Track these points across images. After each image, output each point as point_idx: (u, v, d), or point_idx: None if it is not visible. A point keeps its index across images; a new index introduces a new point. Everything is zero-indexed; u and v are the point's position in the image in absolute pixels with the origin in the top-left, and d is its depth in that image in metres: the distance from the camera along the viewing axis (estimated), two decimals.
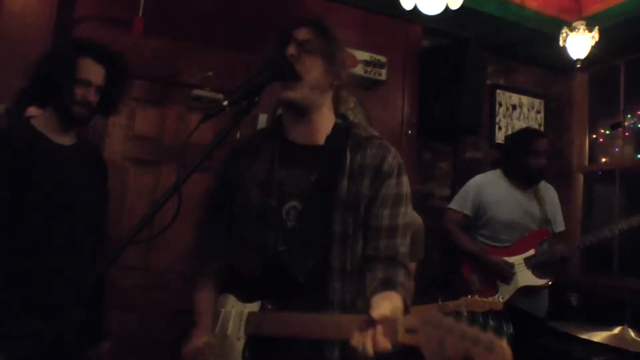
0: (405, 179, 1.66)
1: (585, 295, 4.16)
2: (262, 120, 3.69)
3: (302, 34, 1.65)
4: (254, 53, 3.58)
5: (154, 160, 3.55)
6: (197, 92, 3.52)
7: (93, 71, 2.22)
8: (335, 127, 1.69)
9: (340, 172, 1.61)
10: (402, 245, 1.62)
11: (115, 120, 3.41)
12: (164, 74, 3.54)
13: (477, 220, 3.52)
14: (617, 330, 2.79)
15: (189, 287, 1.76)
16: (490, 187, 3.54)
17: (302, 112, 1.65)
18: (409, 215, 1.66)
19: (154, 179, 3.54)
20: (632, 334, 2.73)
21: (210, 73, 3.60)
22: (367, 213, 1.62)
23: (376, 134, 1.71)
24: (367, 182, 1.62)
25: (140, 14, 3.35)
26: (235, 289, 1.66)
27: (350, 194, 1.60)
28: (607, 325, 2.83)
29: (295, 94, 1.60)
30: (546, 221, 3.52)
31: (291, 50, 1.61)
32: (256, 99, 1.51)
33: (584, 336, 2.79)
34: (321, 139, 1.67)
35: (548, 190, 3.65)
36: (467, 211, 3.54)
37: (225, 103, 1.43)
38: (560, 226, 3.61)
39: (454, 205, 3.63)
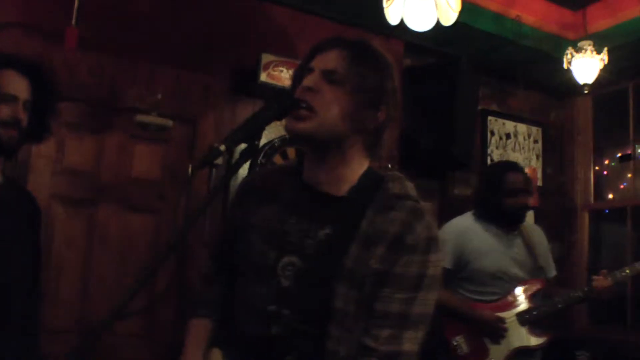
0: (436, 258, 1.48)
1: (596, 354, 4.01)
2: (222, 149, 3.51)
3: (330, 59, 1.51)
4: (213, 71, 3.61)
5: (88, 198, 3.35)
6: (142, 117, 3.34)
7: (17, 85, 2.08)
8: (364, 177, 1.55)
9: (353, 234, 1.46)
10: (410, 342, 1.44)
11: (40, 151, 3.21)
12: (102, 95, 3.39)
13: (457, 272, 3.35)
14: None
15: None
16: (470, 233, 3.37)
17: (318, 150, 1.53)
18: (431, 304, 1.48)
19: (87, 222, 3.34)
20: None
21: (159, 95, 3.43)
22: (377, 292, 1.44)
23: (413, 193, 1.54)
24: (380, 253, 1.44)
25: (74, 22, 3.15)
26: (224, 345, 1.61)
27: (358, 264, 1.44)
28: None
29: (304, 127, 1.47)
30: (538, 268, 3.39)
31: (308, 82, 1.48)
32: (256, 143, 1.44)
33: None
34: (344, 189, 1.53)
35: (534, 232, 3.53)
36: (448, 265, 3.32)
37: (222, 147, 1.35)
38: (552, 271, 3.48)
39: None
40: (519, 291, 3.31)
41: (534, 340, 3.24)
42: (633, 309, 4.27)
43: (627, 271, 3.20)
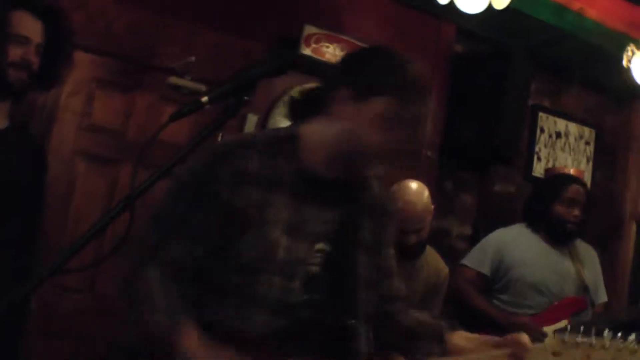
0: None
1: None
2: (252, 122, 3.50)
3: None
4: (254, 38, 3.58)
5: (113, 158, 3.36)
6: (175, 79, 3.30)
7: (30, 26, 2.11)
8: None
9: (363, 210, 1.67)
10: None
11: (68, 104, 3.23)
12: (137, 53, 3.38)
13: (495, 282, 3.35)
14: None
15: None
16: (515, 243, 3.36)
17: None
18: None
19: (109, 181, 3.36)
20: None
21: (192, 58, 3.40)
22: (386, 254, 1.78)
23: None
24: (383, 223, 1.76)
25: None
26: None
27: (373, 235, 1.69)
28: None
29: None
30: (584, 287, 3.35)
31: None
32: (246, 98, 1.44)
33: None
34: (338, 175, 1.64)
35: (588, 252, 3.51)
36: (485, 270, 3.34)
37: (205, 99, 1.37)
38: (602, 297, 3.45)
39: (468, 261, 3.42)
40: (558, 308, 3.27)
41: None
42: None
43: None
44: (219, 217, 1.53)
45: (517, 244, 3.34)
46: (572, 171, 4.25)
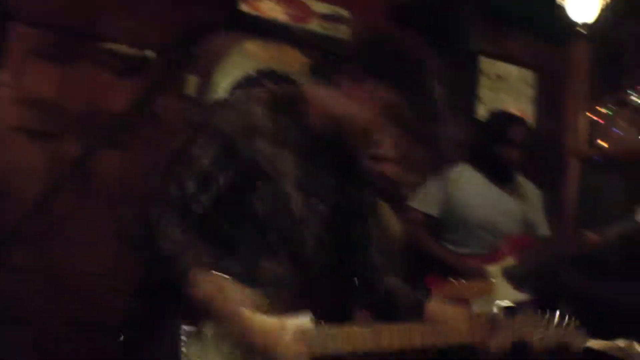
0: None
1: (580, 308, 4.03)
2: (192, 83, 3.43)
3: None
4: (193, 2, 3.49)
5: (52, 131, 3.28)
6: (112, 46, 3.27)
7: None
8: None
9: (359, 178, 1.73)
10: None
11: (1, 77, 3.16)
12: (69, 20, 3.29)
13: (442, 222, 3.42)
14: (622, 343, 2.66)
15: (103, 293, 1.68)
16: (460, 183, 3.41)
17: None
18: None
19: (50, 155, 3.27)
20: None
21: (131, 23, 3.32)
22: None
23: None
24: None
25: None
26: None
27: (367, 197, 1.78)
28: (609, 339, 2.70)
29: None
30: (528, 224, 3.46)
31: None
32: (193, 52, 1.41)
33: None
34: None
35: (530, 190, 3.60)
36: (433, 211, 3.39)
37: (149, 53, 1.30)
38: (544, 230, 3.55)
39: (416, 203, 3.45)
40: (506, 245, 3.33)
41: (518, 296, 3.25)
42: (618, 261, 4.21)
43: (619, 229, 3.29)
44: (234, 170, 1.56)
45: (462, 184, 3.40)
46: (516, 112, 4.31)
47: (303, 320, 1.52)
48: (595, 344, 2.70)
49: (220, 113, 1.64)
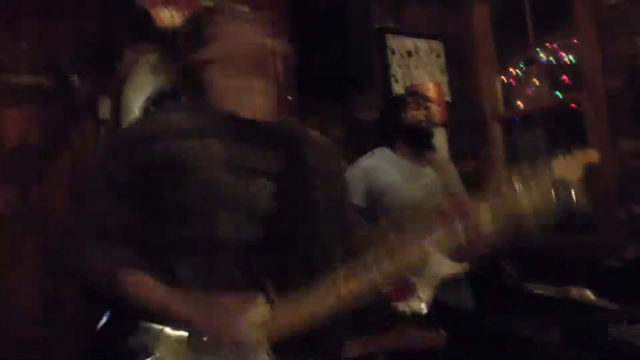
0: None
1: (520, 262, 4.07)
2: (105, 105, 3.30)
3: None
4: (85, 16, 3.35)
5: None
6: (12, 77, 3.14)
7: None
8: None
9: (302, 146, 1.75)
10: None
11: None
12: None
13: (371, 210, 3.34)
14: (574, 291, 2.75)
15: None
16: (379, 168, 3.39)
17: None
18: None
19: None
20: (589, 293, 2.78)
21: (24, 45, 3.19)
22: None
23: None
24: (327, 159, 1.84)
25: None
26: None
27: (321, 168, 1.76)
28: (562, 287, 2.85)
29: None
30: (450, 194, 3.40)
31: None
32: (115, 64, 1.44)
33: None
34: (268, 115, 1.72)
35: (441, 157, 3.66)
36: (358, 201, 3.32)
37: (74, 76, 1.28)
38: (465, 197, 3.50)
39: None
40: (434, 222, 3.28)
41: (457, 267, 3.24)
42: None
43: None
44: (153, 174, 1.57)
45: (381, 169, 3.38)
46: (430, 85, 4.35)
47: (258, 307, 1.52)
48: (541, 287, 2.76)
49: (123, 130, 1.77)
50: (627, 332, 2.66)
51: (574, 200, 1.44)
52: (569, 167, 3.14)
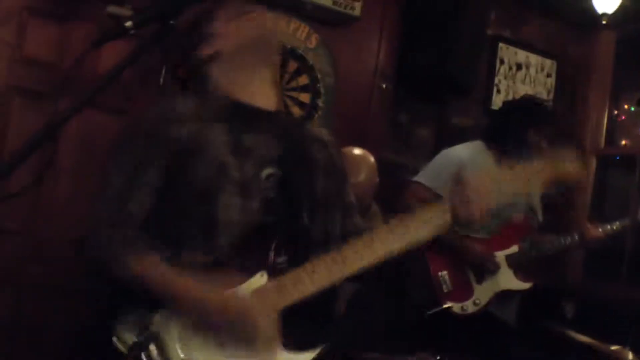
0: None
1: (583, 306, 3.98)
2: None
3: None
4: None
5: (49, 92, 3.13)
6: (113, 9, 3.14)
7: None
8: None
9: (304, 136, 1.81)
10: None
11: None
12: None
13: None
14: (614, 348, 2.65)
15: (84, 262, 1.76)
16: (472, 162, 3.28)
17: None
18: None
19: (47, 117, 3.15)
20: (631, 356, 2.60)
21: None
22: None
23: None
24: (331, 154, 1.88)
25: None
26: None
27: (324, 161, 1.82)
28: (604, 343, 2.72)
29: None
30: (530, 209, 3.42)
31: None
32: (172, 22, 1.41)
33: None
34: (274, 104, 1.79)
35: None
36: (441, 191, 3.24)
37: (129, 24, 1.36)
38: (539, 217, 3.52)
39: (423, 178, 3.35)
40: (510, 231, 3.30)
41: (520, 284, 3.28)
42: (629, 265, 4.23)
43: (617, 225, 3.36)
44: (165, 159, 1.64)
45: (474, 164, 3.26)
46: None
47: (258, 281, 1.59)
48: (586, 339, 2.69)
49: (143, 114, 1.78)
50: None
51: None
52: None
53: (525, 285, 3.28)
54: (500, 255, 3.25)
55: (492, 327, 3.21)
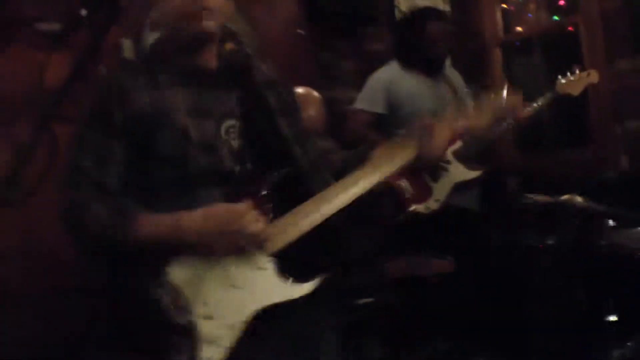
0: None
1: (525, 178, 4.28)
2: (127, 46, 3.43)
3: None
4: None
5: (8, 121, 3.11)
6: (43, 25, 3.16)
7: None
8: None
9: (259, 85, 1.83)
10: None
11: None
12: None
13: (391, 118, 3.54)
14: (564, 197, 2.86)
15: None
16: (398, 80, 3.56)
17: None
18: None
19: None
20: (579, 199, 2.82)
21: None
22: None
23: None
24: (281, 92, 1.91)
25: None
26: None
27: (279, 102, 1.86)
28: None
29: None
30: (462, 110, 3.40)
31: None
32: (118, 5, 1.53)
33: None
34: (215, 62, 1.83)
35: (455, 75, 3.78)
36: (380, 109, 3.52)
37: (83, 12, 1.48)
38: None
39: (361, 104, 3.59)
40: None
41: (472, 174, 3.45)
42: (551, 132, 4.58)
43: (541, 100, 3.46)
44: (125, 130, 1.67)
45: (401, 82, 3.54)
46: None
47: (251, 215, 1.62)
48: (541, 197, 2.92)
49: (97, 85, 1.75)
50: (621, 235, 2.76)
51: None
52: (572, 85, 3.33)
53: (476, 173, 3.45)
54: (448, 152, 3.40)
55: (458, 216, 3.36)
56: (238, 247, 1.61)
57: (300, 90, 3.13)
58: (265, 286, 1.62)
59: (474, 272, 3.17)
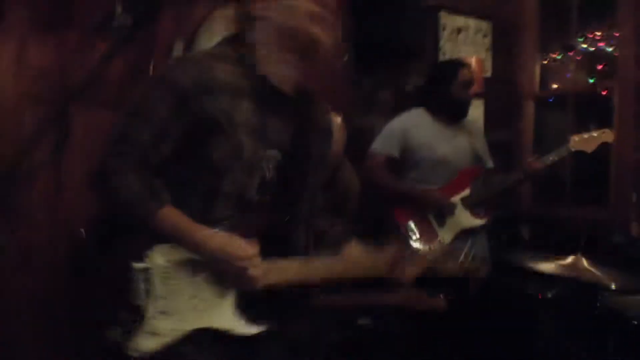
0: None
1: (537, 228, 4.35)
2: (179, 48, 3.57)
3: None
4: None
5: (56, 98, 3.22)
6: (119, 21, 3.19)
7: None
8: None
9: (311, 126, 1.82)
10: None
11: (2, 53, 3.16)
12: None
13: (404, 162, 3.61)
14: (570, 259, 2.93)
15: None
16: (416, 126, 3.62)
17: None
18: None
19: (56, 122, 3.22)
20: (585, 262, 2.89)
21: None
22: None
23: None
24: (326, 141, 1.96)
25: None
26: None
27: (319, 151, 1.86)
28: (560, 256, 2.99)
29: None
30: (477, 157, 3.67)
31: None
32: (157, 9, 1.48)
33: (535, 267, 2.95)
34: (291, 88, 1.81)
35: (474, 125, 3.85)
36: (394, 152, 3.59)
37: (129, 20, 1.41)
38: (489, 163, 3.78)
39: (377, 146, 3.66)
40: (461, 178, 3.56)
41: (478, 221, 3.52)
42: (572, 186, 4.65)
43: (554, 155, 3.50)
44: (189, 122, 1.66)
45: (418, 126, 3.61)
46: (473, 60, 4.55)
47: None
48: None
49: (179, 68, 1.72)
50: (617, 301, 2.82)
51: None
52: (586, 142, 3.39)
53: (482, 221, 3.51)
54: (456, 199, 3.48)
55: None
56: (232, 279, 1.68)
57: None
58: (218, 311, 1.68)
59: (469, 311, 3.22)
